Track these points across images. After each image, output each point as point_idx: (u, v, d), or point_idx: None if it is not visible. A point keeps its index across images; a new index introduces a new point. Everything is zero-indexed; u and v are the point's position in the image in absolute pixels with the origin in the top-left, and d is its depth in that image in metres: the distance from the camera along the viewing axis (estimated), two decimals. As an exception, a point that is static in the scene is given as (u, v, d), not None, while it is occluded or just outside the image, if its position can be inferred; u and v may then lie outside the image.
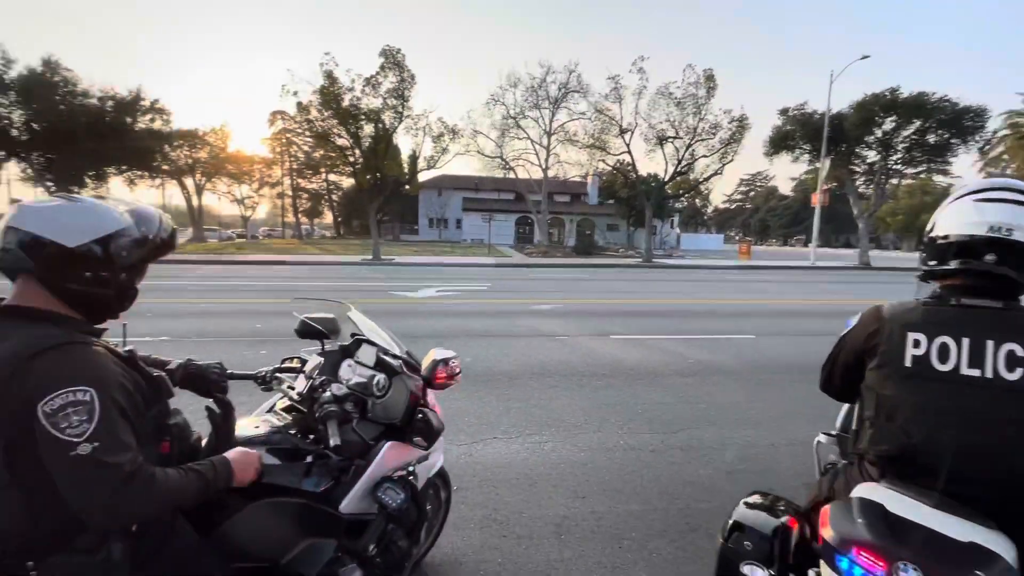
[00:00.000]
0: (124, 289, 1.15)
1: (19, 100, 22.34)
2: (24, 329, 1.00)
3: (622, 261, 24.71)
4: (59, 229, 1.03)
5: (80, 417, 0.95)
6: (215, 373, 1.48)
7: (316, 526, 1.45)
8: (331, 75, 19.32)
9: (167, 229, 1.22)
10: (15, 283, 1.06)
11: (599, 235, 41.04)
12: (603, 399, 4.29)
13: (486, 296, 10.57)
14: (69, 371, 0.97)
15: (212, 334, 6.27)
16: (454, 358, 1.74)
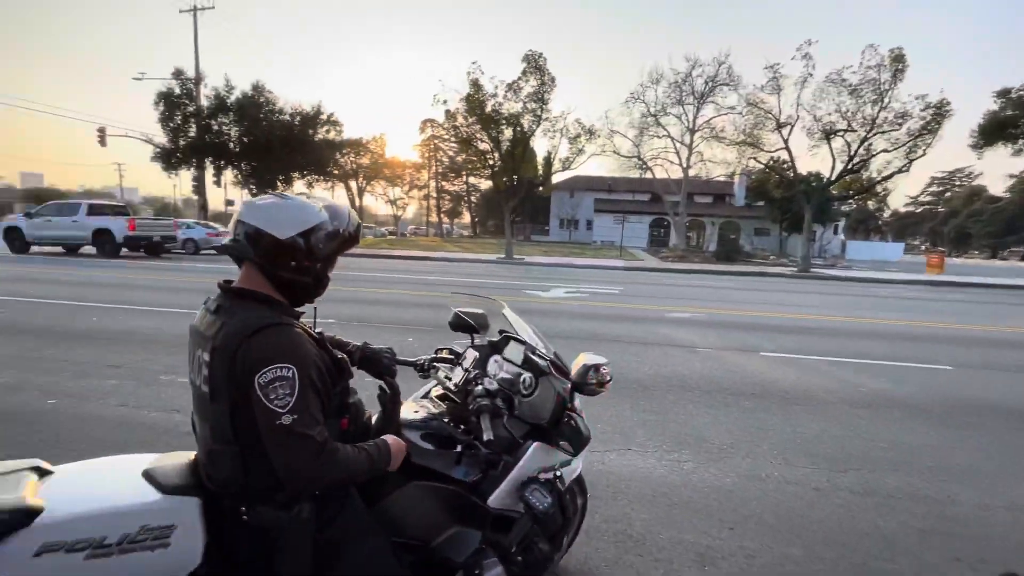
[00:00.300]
0: (320, 277, 1.28)
1: (235, 119, 27.52)
2: (247, 309, 1.16)
3: (772, 269, 22.24)
4: (273, 223, 1.17)
5: (284, 391, 1.07)
6: (386, 357, 1.60)
7: (465, 515, 1.49)
8: (476, 83, 20.47)
9: (354, 224, 1.34)
10: (241, 269, 1.24)
11: (745, 239, 37.54)
12: (752, 422, 3.86)
13: (617, 300, 10.28)
14: (278, 349, 1.10)
15: (368, 320, 7.03)
16: (605, 365, 1.66)
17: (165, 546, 1.09)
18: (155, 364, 4.65)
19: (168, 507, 1.12)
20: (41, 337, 5.48)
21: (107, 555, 1.03)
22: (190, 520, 1.13)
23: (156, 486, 1.16)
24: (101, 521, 1.05)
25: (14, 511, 0.98)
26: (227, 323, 1.13)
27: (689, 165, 32.60)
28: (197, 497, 1.17)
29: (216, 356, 1.11)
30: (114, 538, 1.04)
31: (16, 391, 3.86)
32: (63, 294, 8.36)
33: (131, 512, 1.09)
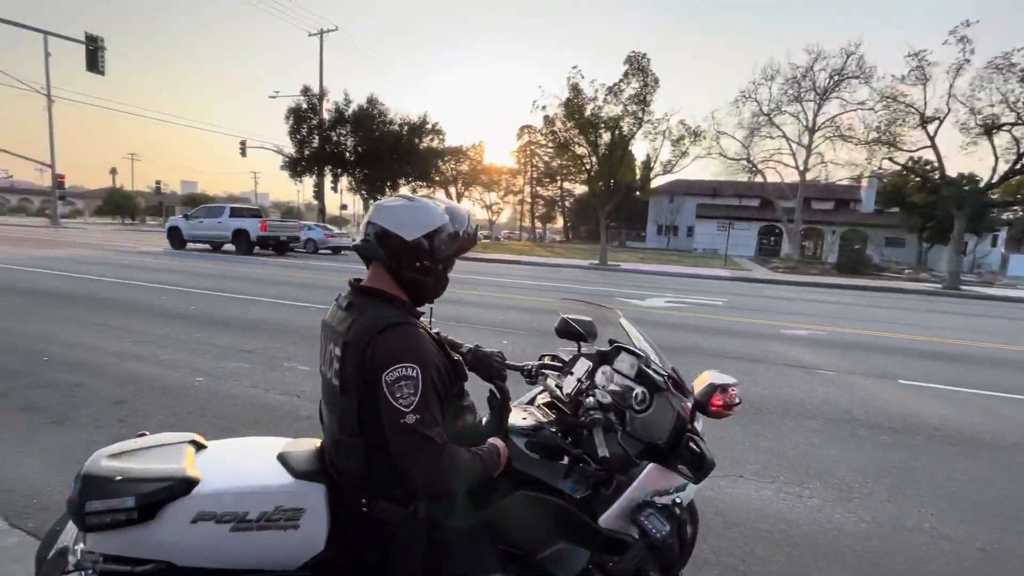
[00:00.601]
0: (441, 278, 1.29)
1: (352, 130, 30.02)
2: (375, 307, 1.19)
3: (909, 285, 19.46)
4: (401, 224, 1.20)
5: (409, 390, 1.08)
6: (497, 361, 1.58)
7: (574, 531, 1.42)
8: (576, 87, 20.35)
9: (473, 226, 1.33)
10: (369, 268, 1.28)
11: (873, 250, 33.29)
12: (892, 461, 3.34)
13: (721, 312, 9.59)
14: (404, 348, 1.11)
15: (465, 320, 7.22)
16: (734, 385, 1.49)
17: (295, 528, 1.15)
18: (280, 352, 5.14)
19: (298, 491, 1.18)
20: (191, 322, 6.33)
21: (248, 529, 1.11)
22: (317, 505, 1.18)
23: (289, 470, 1.22)
24: (245, 497, 1.13)
25: (178, 480, 1.08)
26: (357, 320, 1.16)
27: (807, 167, 29.69)
28: (323, 484, 1.22)
29: (347, 351, 1.14)
30: (254, 515, 1.11)
31: (172, 368, 4.47)
32: (208, 285, 9.63)
33: (269, 492, 1.15)
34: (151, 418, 3.39)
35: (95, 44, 17.02)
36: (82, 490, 1.02)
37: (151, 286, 9.17)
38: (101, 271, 11.02)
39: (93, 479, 1.04)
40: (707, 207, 43.39)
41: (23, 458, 2.77)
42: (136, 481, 1.05)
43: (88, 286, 8.85)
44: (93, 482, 1.03)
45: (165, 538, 1.05)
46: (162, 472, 1.09)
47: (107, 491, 1.02)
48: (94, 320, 6.14)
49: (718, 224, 39.31)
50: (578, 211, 55.48)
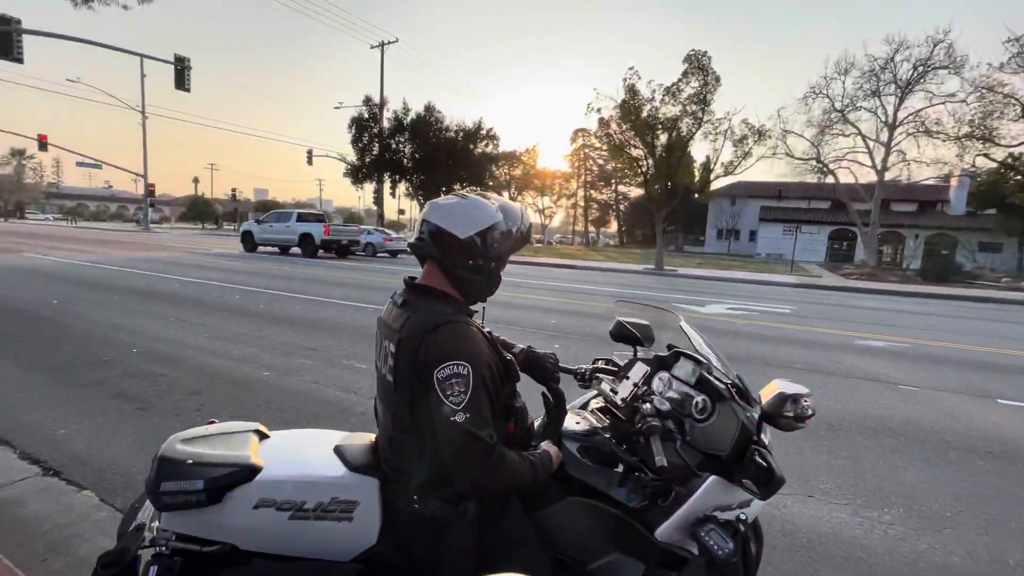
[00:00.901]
0: (493, 276, 1.28)
1: (410, 137, 31.01)
2: (429, 305, 1.19)
3: (1009, 295, 17.55)
4: (454, 222, 1.20)
5: (460, 388, 1.07)
6: (550, 362, 1.56)
7: (628, 542, 1.35)
8: (633, 88, 19.96)
9: (526, 224, 1.31)
10: (424, 266, 1.29)
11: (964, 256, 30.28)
12: (990, 488, 3.00)
13: (788, 321, 9.03)
14: (456, 346, 1.11)
15: (517, 324, 7.23)
16: (806, 396, 1.38)
17: (349, 520, 1.17)
18: (340, 350, 5.35)
19: (353, 484, 1.20)
20: (260, 320, 6.72)
21: (305, 518, 1.14)
22: (370, 499, 1.19)
23: (344, 462, 1.25)
24: (303, 487, 1.16)
25: (244, 466, 1.14)
26: (411, 317, 1.17)
27: (885, 167, 27.46)
28: (376, 479, 1.23)
29: (402, 348, 1.15)
30: (311, 504, 1.14)
31: (242, 362, 4.76)
32: (276, 285, 10.22)
33: (325, 483, 1.18)
34: (223, 408, 3.62)
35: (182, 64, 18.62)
36: (158, 471, 1.09)
37: (226, 286, 9.85)
38: (183, 271, 11.97)
39: (168, 461, 1.11)
40: (771, 210, 41.17)
41: (114, 440, 3.03)
42: (205, 465, 1.10)
43: (172, 285, 9.64)
44: (167, 464, 1.10)
45: (230, 521, 1.10)
46: (228, 458, 1.14)
47: (179, 473, 1.08)
48: (176, 316, 6.67)
49: (784, 228, 37.20)
50: (633, 214, 54.35)
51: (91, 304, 7.26)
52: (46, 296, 7.72)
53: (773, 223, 39.79)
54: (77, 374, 4.19)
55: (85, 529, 2.22)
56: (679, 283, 16.24)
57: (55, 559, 2.03)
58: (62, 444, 2.97)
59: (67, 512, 2.34)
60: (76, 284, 9.20)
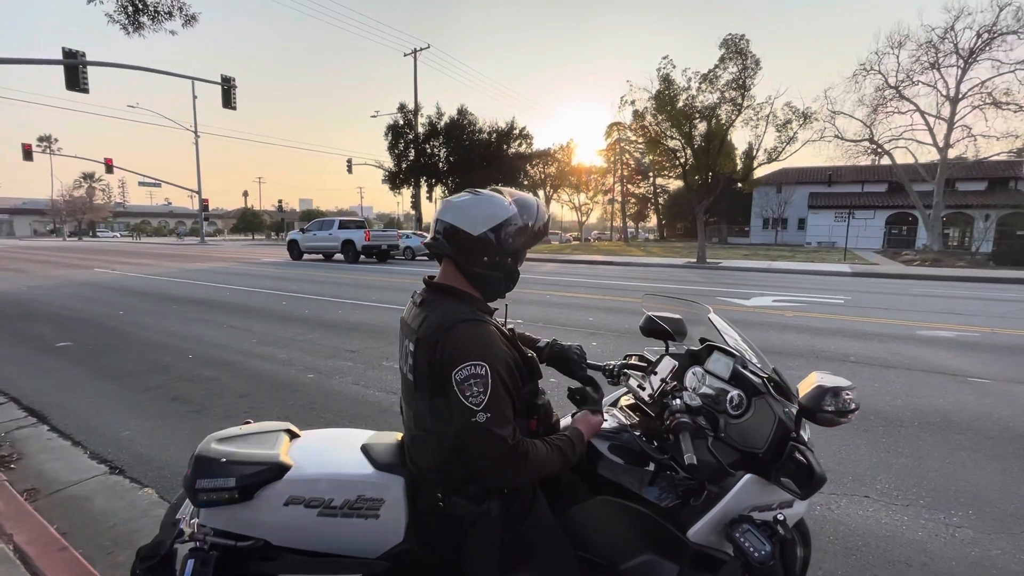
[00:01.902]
0: (511, 271, 1.27)
1: (444, 141, 31.42)
2: (446, 304, 1.19)
3: (1092, 276, 15.96)
4: (467, 219, 1.19)
5: (478, 388, 1.07)
6: (575, 353, 1.55)
7: (660, 543, 1.31)
8: (667, 78, 19.44)
9: (543, 217, 1.29)
10: (441, 265, 1.29)
11: (1042, 237, 27.77)
12: (1076, 489, 2.72)
13: (842, 311, 8.55)
14: (473, 345, 1.10)
15: (554, 322, 7.18)
16: (848, 389, 1.29)
17: (376, 517, 1.18)
18: (380, 352, 5.48)
19: (379, 482, 1.22)
20: (305, 324, 6.98)
21: (333, 515, 1.17)
22: (396, 497, 1.21)
23: (371, 461, 1.27)
24: (331, 485, 1.19)
25: (274, 465, 1.17)
26: (429, 316, 1.18)
27: (948, 144, 25.55)
28: (402, 477, 1.25)
29: (419, 347, 1.16)
30: (338, 502, 1.17)
31: (288, 365, 4.95)
32: (320, 291, 10.58)
33: (353, 481, 1.21)
34: (271, 410, 3.77)
35: (228, 84, 19.58)
36: (194, 469, 1.14)
37: (273, 292, 10.29)
38: (233, 280, 12.60)
39: (204, 460, 1.16)
40: (821, 196, 39.12)
41: (172, 441, 3.22)
42: (238, 464, 1.15)
43: (223, 293, 10.16)
44: (203, 462, 1.15)
45: (262, 517, 1.14)
46: (260, 457, 1.18)
47: (214, 471, 1.13)
48: (228, 323, 7.02)
49: (835, 214, 35.31)
50: (673, 207, 52.96)
51: (151, 314, 7.76)
52: (113, 308, 8.30)
53: (823, 210, 37.80)
54: (139, 379, 4.48)
55: (146, 524, 2.36)
56: (722, 276, 15.70)
57: (119, 552, 2.17)
58: (126, 445, 3.18)
59: (130, 508, 2.50)
60: (139, 295, 9.85)
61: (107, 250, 29.00)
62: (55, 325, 6.89)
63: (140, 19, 8.46)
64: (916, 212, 28.65)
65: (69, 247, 34.00)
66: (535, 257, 22.73)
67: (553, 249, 33.06)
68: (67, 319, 7.34)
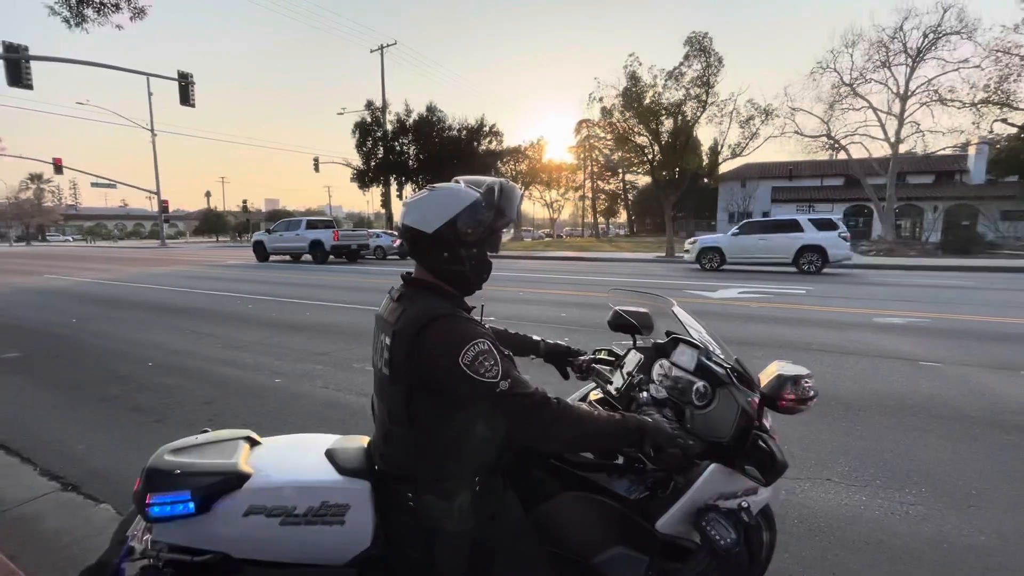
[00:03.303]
0: (478, 263, 1.24)
1: (413, 139, 31.07)
2: (425, 298, 1.19)
3: (1031, 263, 17.03)
4: (421, 219, 1.18)
5: (490, 362, 1.08)
6: (564, 346, 1.73)
7: (629, 535, 1.33)
8: (634, 75, 19.73)
9: (507, 198, 1.23)
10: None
11: (987, 226, 29.50)
12: (1017, 464, 2.90)
13: (804, 301, 8.86)
14: (461, 333, 1.11)
15: (526, 318, 7.20)
16: (807, 377, 1.33)
17: (341, 523, 1.16)
18: (351, 354, 5.38)
19: (345, 487, 1.19)
20: (272, 327, 6.80)
21: (296, 524, 1.13)
22: (362, 502, 1.19)
23: (335, 466, 1.24)
24: (293, 492, 1.16)
25: (232, 475, 1.13)
26: (407, 310, 1.17)
27: (899, 139, 26.76)
28: (368, 481, 1.22)
29: (397, 339, 1.14)
30: (302, 509, 1.14)
31: (255, 370, 4.81)
32: (288, 293, 10.32)
33: (316, 488, 1.18)
34: (236, 417, 3.66)
35: (186, 80, 18.85)
36: (145, 483, 1.09)
37: (239, 296, 9.98)
38: (196, 284, 12.16)
39: (155, 473, 1.11)
40: (783, 190, 40.44)
41: (131, 453, 3.08)
42: (193, 475, 1.10)
43: (186, 298, 9.79)
44: (155, 476, 1.10)
45: (220, 530, 1.10)
46: (217, 467, 1.14)
47: (167, 484, 1.08)
48: (190, 328, 6.77)
49: (797, 208, 36.54)
50: (642, 203, 53.85)
51: (108, 321, 7.41)
52: (65, 316, 7.90)
53: (786, 203, 39.06)
54: (95, 390, 4.27)
55: (102, 543, 2.22)
56: (691, 269, 16.04)
57: (74, 573, 2.06)
58: (80, 459, 3.03)
59: (85, 526, 2.38)
60: (94, 302, 9.40)
61: (58, 255, 27.58)
62: (0, 335, 6.51)
63: (83, 11, 8.02)
64: (871, 204, 29.92)
65: (16, 253, 32.17)
66: (509, 254, 22.73)
67: (526, 246, 33.16)
68: (14, 328, 6.94)
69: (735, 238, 14.95)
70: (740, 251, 14.84)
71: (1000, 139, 25.92)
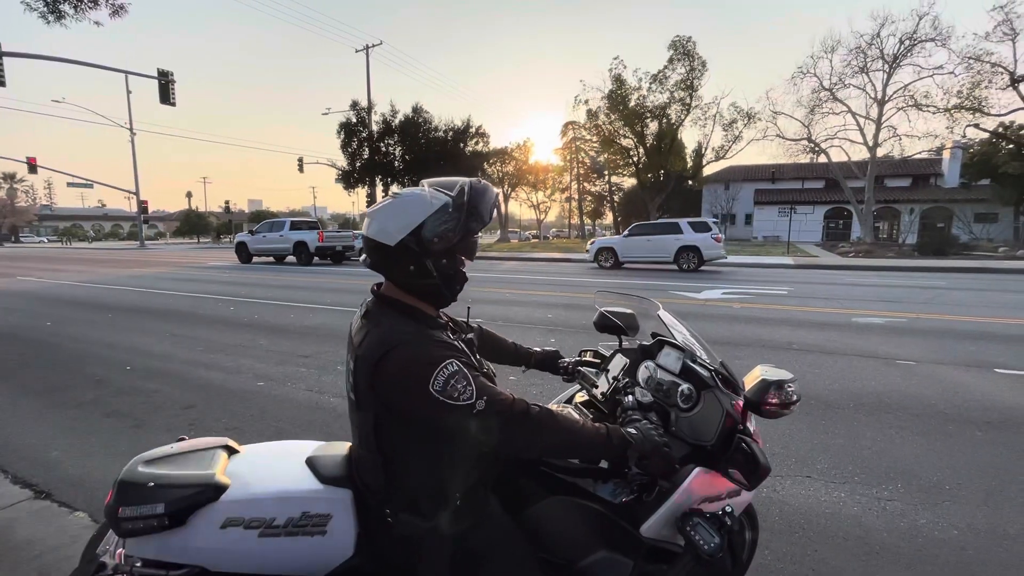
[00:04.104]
0: (447, 274, 1.16)
1: (399, 139, 30.89)
2: (390, 319, 1.13)
3: (1006, 264, 17.55)
4: (383, 231, 1.12)
5: (462, 384, 1.03)
6: (552, 351, 1.73)
7: (614, 540, 1.33)
8: (619, 78, 19.89)
9: (478, 198, 1.13)
10: None
11: (961, 228, 30.31)
12: (988, 458, 2.98)
13: (785, 302, 9.01)
14: (429, 356, 1.04)
15: (514, 320, 7.20)
16: (790, 382, 1.35)
17: (323, 533, 1.13)
18: (335, 356, 5.33)
19: (326, 496, 1.17)
20: (256, 330, 6.70)
21: (276, 535, 1.10)
22: (344, 512, 1.16)
23: (316, 475, 1.22)
24: (272, 503, 1.13)
25: (208, 486, 1.10)
26: (371, 332, 1.11)
27: (877, 143, 27.40)
28: (350, 490, 1.20)
29: (359, 364, 1.09)
30: (281, 520, 1.11)
31: (237, 373, 4.74)
32: (271, 295, 10.18)
33: (296, 498, 1.15)
34: (217, 421, 3.60)
35: (166, 78, 18.51)
36: (117, 496, 1.06)
37: (221, 298, 9.82)
38: (177, 286, 11.93)
39: (128, 485, 1.08)
40: (766, 192, 41.11)
41: (108, 460, 3.01)
42: (167, 487, 1.07)
43: (166, 300, 9.60)
44: (127, 488, 1.07)
45: (196, 543, 1.07)
46: (192, 478, 1.11)
47: (140, 497, 1.05)
48: (171, 331, 6.64)
49: (779, 209, 37.18)
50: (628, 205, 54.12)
51: (84, 324, 7.23)
52: (39, 319, 7.69)
53: (768, 205, 39.75)
54: (70, 395, 4.17)
55: (78, 551, 2.18)
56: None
57: (46, 583, 2.01)
58: (54, 466, 2.95)
59: (59, 535, 2.32)
60: (70, 305, 9.17)
61: (32, 257, 26.83)
62: (-29, 340, 6.31)
63: (61, 7, 7.82)
64: (850, 207, 30.55)
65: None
66: (495, 256, 22.70)
67: (512, 247, 33.15)
68: (-15, 333, 6.73)
69: (626, 239, 16.17)
70: (630, 251, 16.05)
71: (973, 143, 26.71)
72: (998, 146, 23.70)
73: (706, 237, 15.17)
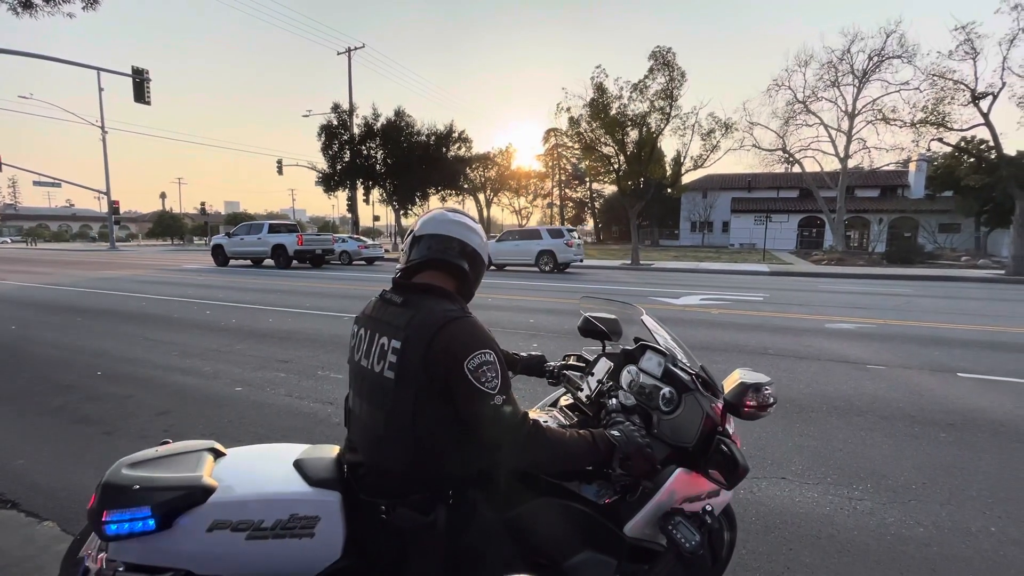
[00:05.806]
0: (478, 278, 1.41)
1: (381, 143, 30.66)
2: (434, 302, 1.21)
3: (967, 272, 18.30)
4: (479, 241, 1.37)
5: (492, 374, 1.12)
6: (538, 357, 1.80)
7: (598, 539, 1.36)
8: (601, 86, 20.13)
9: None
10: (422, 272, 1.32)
11: (926, 237, 31.53)
12: (951, 459, 3.11)
13: (761, 308, 9.23)
14: (474, 337, 1.15)
15: (496, 325, 7.21)
16: (767, 385, 1.40)
17: (311, 536, 1.14)
18: (315, 361, 5.26)
19: (314, 499, 1.17)
20: (233, 334, 6.57)
21: (263, 538, 1.10)
22: (333, 513, 1.17)
23: (304, 477, 1.22)
24: (260, 505, 1.13)
25: (194, 489, 1.10)
26: (417, 314, 1.18)
27: (848, 155, 28.32)
28: (338, 492, 1.21)
29: (409, 344, 1.15)
30: (269, 523, 1.11)
31: (214, 378, 4.64)
32: (249, 299, 9.99)
33: (284, 500, 1.15)
34: (193, 427, 3.52)
35: (140, 76, 18.08)
36: (100, 499, 1.04)
37: (197, 302, 9.59)
38: (151, 289, 11.62)
39: (112, 488, 1.06)
40: (742, 201, 42.07)
41: (78, 468, 2.92)
42: (153, 490, 1.06)
43: (139, 304, 9.34)
44: (112, 491, 1.05)
45: (182, 547, 1.06)
46: (178, 481, 1.10)
47: (124, 500, 1.03)
48: (144, 336, 6.47)
49: (755, 218, 38.10)
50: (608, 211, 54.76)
51: (53, 328, 6.99)
52: (3, 322, 7.40)
53: (744, 214, 40.66)
54: (36, 401, 4.03)
55: (47, 562, 2.13)
56: (654, 276, 16.46)
57: (14, 595, 1.94)
58: (20, 475, 2.85)
59: (26, 545, 2.24)
60: (36, 308, 8.85)
61: (-6, 257, 25.76)
62: (-71, 344, 6.04)
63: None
64: (823, 216, 31.49)
65: (-54, 254, 29.83)
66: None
67: (494, 252, 33.09)
68: (-56, 336, 6.45)
69: (498, 243, 18.14)
70: (501, 254, 17.92)
71: (937, 157, 27.81)
72: (960, 159, 24.69)
73: (560, 243, 17.06)
